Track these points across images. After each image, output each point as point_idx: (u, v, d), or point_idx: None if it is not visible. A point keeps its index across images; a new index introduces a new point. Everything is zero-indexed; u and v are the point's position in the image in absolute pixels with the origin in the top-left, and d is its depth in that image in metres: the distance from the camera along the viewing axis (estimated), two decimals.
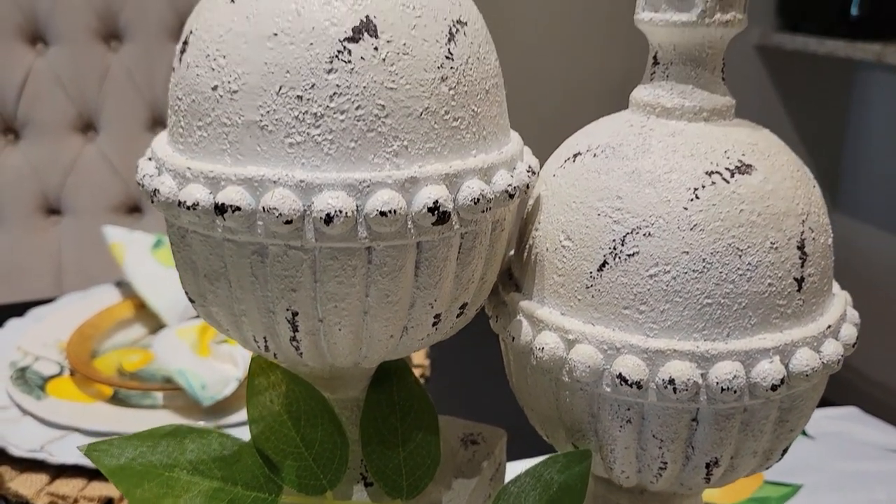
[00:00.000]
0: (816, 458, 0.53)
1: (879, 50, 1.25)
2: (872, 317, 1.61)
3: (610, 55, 1.38)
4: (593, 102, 1.37)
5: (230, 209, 0.25)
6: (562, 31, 1.38)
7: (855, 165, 1.60)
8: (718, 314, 0.27)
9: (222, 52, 0.26)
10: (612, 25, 1.37)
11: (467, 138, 0.27)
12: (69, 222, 1.11)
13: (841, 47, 1.31)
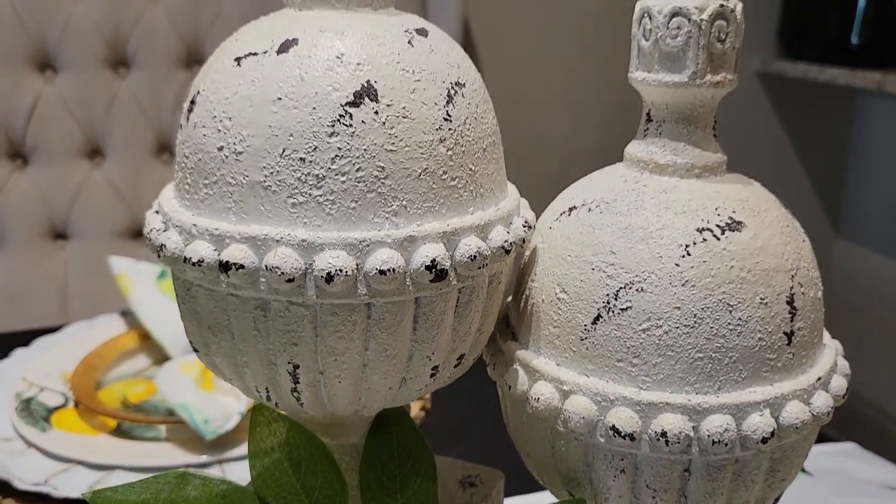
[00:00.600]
0: (815, 495, 0.54)
1: (880, 78, 1.26)
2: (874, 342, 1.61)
3: (607, 107, 1.40)
4: (590, 150, 1.40)
5: (234, 267, 0.26)
6: (561, 82, 1.40)
7: (858, 191, 1.60)
8: (710, 368, 0.28)
9: (228, 115, 0.27)
10: (609, 77, 1.39)
11: (465, 196, 0.28)
12: (75, 246, 1.12)
13: (841, 75, 1.32)
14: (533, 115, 1.38)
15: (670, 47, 0.29)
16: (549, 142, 1.40)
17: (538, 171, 1.35)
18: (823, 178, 1.59)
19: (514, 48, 1.36)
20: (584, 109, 1.40)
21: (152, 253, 0.29)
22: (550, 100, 1.39)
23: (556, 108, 1.40)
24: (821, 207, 1.62)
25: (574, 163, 1.40)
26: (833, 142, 1.58)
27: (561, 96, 1.40)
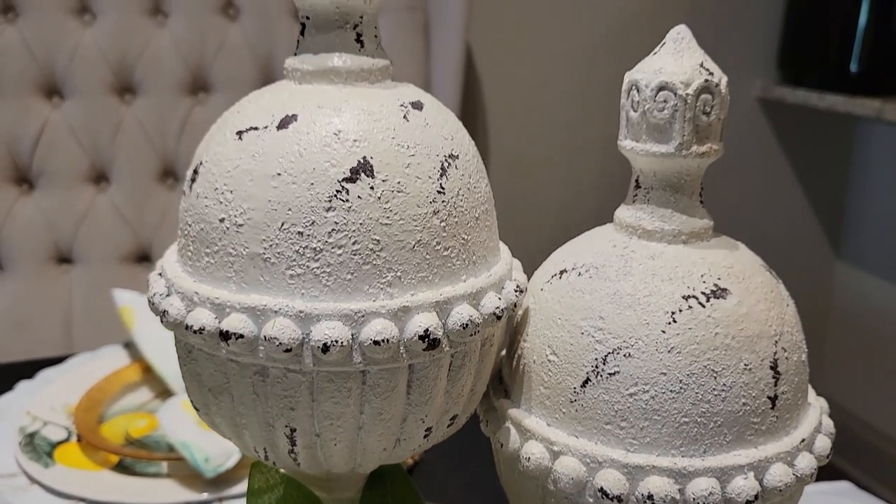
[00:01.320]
0: None
1: (879, 106, 1.27)
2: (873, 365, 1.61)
3: (604, 163, 1.42)
4: (586, 201, 1.42)
5: (234, 336, 0.27)
6: (560, 139, 1.42)
7: (857, 216, 1.61)
8: (695, 432, 0.29)
9: (230, 187, 0.28)
10: (607, 136, 1.42)
11: (457, 265, 0.29)
12: (80, 271, 1.13)
13: (841, 102, 1.33)
14: (531, 170, 1.40)
15: (657, 119, 0.30)
16: (546, 194, 1.42)
17: (533, 223, 1.37)
18: (824, 202, 1.60)
19: (514, 102, 1.38)
20: (582, 164, 1.43)
21: (155, 316, 0.30)
22: (549, 154, 1.42)
23: (553, 162, 1.42)
24: (821, 230, 1.62)
25: (569, 213, 1.42)
26: (833, 166, 1.59)
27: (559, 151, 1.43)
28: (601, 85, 1.41)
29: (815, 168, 1.58)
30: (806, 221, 1.61)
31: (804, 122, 1.52)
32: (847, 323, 1.63)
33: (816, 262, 1.63)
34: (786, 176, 1.57)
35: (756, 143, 1.52)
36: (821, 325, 1.66)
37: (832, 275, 1.65)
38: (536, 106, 1.39)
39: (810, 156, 1.56)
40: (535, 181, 1.41)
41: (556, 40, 1.37)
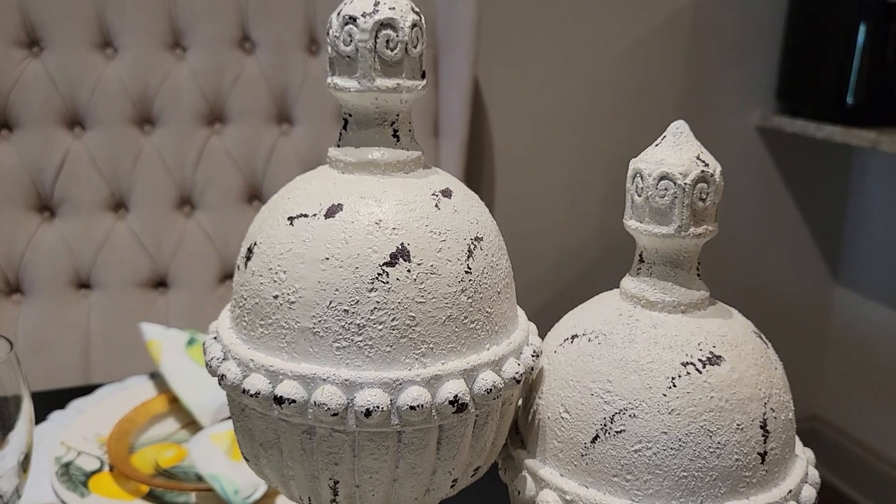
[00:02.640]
0: None
1: (875, 137, 1.31)
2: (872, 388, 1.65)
3: (603, 189, 1.47)
4: (586, 226, 1.46)
5: (287, 401, 0.30)
6: (562, 169, 1.48)
7: (855, 242, 1.65)
8: (693, 485, 0.33)
9: (283, 268, 0.31)
10: (607, 164, 1.47)
11: (482, 335, 0.33)
12: (98, 296, 1.17)
13: (838, 133, 1.37)
14: (537, 196, 1.45)
15: (659, 204, 0.34)
16: (551, 217, 1.46)
17: (538, 249, 1.42)
18: (822, 228, 1.64)
19: (521, 133, 1.43)
20: (586, 190, 1.48)
21: (212, 377, 0.34)
22: (555, 181, 1.46)
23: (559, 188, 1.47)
24: (820, 256, 1.66)
25: (574, 234, 1.46)
26: (831, 194, 1.63)
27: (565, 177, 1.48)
28: (605, 115, 1.45)
29: (814, 195, 1.62)
30: (805, 247, 1.65)
31: (802, 151, 1.57)
32: (845, 347, 1.67)
33: (815, 288, 1.67)
34: (784, 203, 1.61)
35: (755, 170, 1.57)
36: (819, 349, 1.70)
37: (831, 300, 1.69)
38: (542, 136, 1.44)
39: (808, 183, 1.60)
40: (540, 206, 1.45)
41: (559, 74, 1.42)
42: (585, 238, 1.46)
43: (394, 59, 0.32)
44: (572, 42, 1.41)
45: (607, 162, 1.44)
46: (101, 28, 1.12)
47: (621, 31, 1.43)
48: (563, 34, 1.40)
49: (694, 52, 1.47)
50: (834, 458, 1.65)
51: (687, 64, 1.47)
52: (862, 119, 1.37)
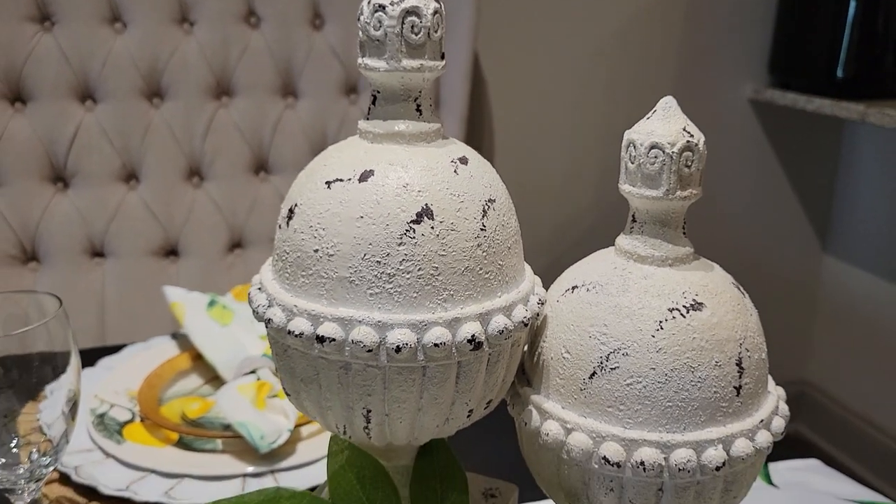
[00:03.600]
0: None
1: (863, 110, 1.36)
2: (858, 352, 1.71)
3: (597, 158, 1.51)
4: (582, 193, 1.51)
5: (327, 340, 0.35)
6: (559, 140, 1.52)
7: (844, 212, 1.70)
8: (677, 414, 0.38)
9: (322, 226, 0.36)
10: (602, 135, 1.51)
11: (495, 285, 0.38)
12: (112, 264, 1.22)
13: (827, 105, 1.42)
14: (535, 166, 1.50)
15: (649, 170, 0.39)
16: (549, 187, 1.51)
17: (537, 215, 1.47)
18: (812, 199, 1.70)
19: (519, 106, 1.47)
20: (581, 157, 1.52)
21: (258, 322, 0.39)
22: (553, 151, 1.51)
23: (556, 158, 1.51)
24: (810, 226, 1.72)
25: (572, 202, 1.51)
26: (822, 165, 1.68)
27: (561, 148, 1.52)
28: (601, 88, 1.49)
29: (804, 166, 1.67)
30: (795, 217, 1.70)
31: (794, 124, 1.61)
32: (833, 314, 1.73)
33: (805, 256, 1.73)
34: (776, 173, 1.66)
35: (748, 142, 1.61)
36: (808, 316, 1.76)
37: (820, 268, 1.75)
38: (540, 109, 1.48)
39: (800, 155, 1.65)
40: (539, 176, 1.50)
41: (557, 49, 1.46)
42: (583, 202, 1.51)
43: (418, 42, 0.37)
44: (570, 17, 1.45)
45: (603, 132, 1.49)
46: (110, 3, 1.16)
47: (618, 6, 1.47)
48: (561, 9, 1.44)
49: (689, 26, 1.51)
50: (821, 421, 1.72)
51: (682, 38, 1.51)
52: (851, 92, 1.42)
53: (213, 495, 0.60)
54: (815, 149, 1.67)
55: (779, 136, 1.63)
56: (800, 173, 1.67)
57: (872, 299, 1.65)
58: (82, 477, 0.61)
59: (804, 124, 1.63)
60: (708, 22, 1.52)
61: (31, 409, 0.54)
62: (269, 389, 0.67)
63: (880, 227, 1.62)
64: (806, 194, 1.69)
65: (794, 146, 1.65)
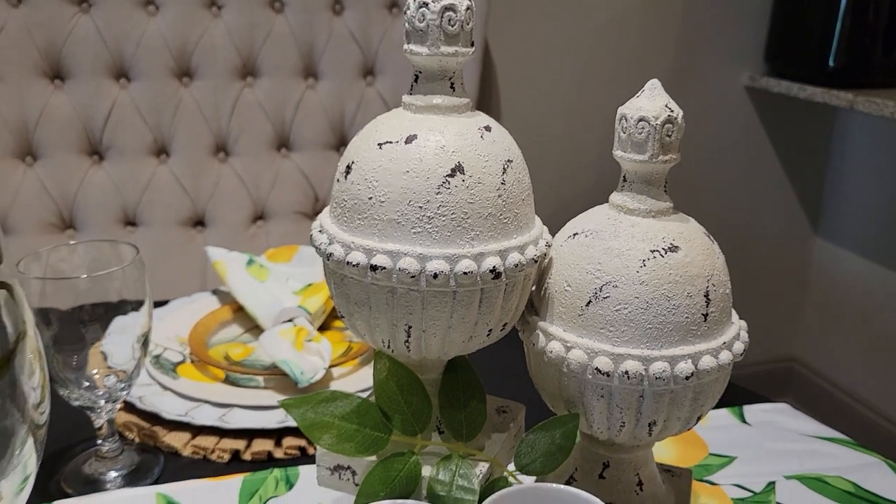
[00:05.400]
0: (751, 439, 0.74)
1: (852, 98, 1.46)
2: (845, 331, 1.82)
3: (601, 161, 1.60)
4: (591, 186, 1.61)
5: (378, 268, 0.46)
6: (561, 120, 1.60)
7: (835, 196, 1.80)
8: (655, 334, 0.48)
9: (375, 178, 0.46)
10: (601, 116, 1.59)
11: (511, 228, 0.48)
12: (144, 232, 1.32)
13: (819, 93, 1.51)
14: (539, 144, 1.60)
15: (637, 139, 0.49)
16: (551, 162, 1.60)
17: (540, 185, 1.56)
18: (804, 183, 1.79)
19: (526, 89, 1.56)
20: (580, 138, 1.61)
21: (321, 257, 0.49)
22: (555, 131, 1.60)
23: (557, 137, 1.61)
24: (802, 208, 1.82)
25: (573, 175, 1.61)
26: (814, 150, 1.78)
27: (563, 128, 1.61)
28: (603, 72, 1.59)
29: (797, 151, 1.77)
30: (788, 200, 1.80)
31: (788, 111, 1.71)
32: (823, 294, 1.83)
33: (796, 238, 1.83)
34: (770, 158, 1.76)
35: (743, 127, 1.71)
36: (799, 296, 1.86)
37: (810, 250, 1.85)
38: (546, 90, 1.58)
39: (793, 140, 1.75)
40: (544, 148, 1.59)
41: (562, 34, 1.55)
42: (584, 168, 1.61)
43: (453, 32, 0.47)
44: (574, 5, 1.54)
45: (603, 111, 1.59)
46: None
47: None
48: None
49: (688, 15, 1.60)
50: (809, 397, 1.83)
51: (682, 27, 1.60)
52: (842, 81, 1.52)
53: (260, 422, 0.70)
54: (808, 135, 1.77)
55: (773, 123, 1.73)
56: (793, 158, 1.77)
57: (861, 280, 1.75)
58: (146, 405, 0.72)
59: (798, 111, 1.72)
60: (707, 11, 1.61)
61: (111, 341, 0.64)
62: (307, 334, 0.78)
63: (869, 211, 1.72)
64: (798, 179, 1.79)
65: (787, 132, 1.74)
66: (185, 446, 0.69)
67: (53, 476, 0.66)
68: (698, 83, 1.66)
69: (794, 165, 1.77)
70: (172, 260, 1.31)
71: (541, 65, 1.56)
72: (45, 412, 0.48)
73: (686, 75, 1.63)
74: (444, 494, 0.49)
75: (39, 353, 0.47)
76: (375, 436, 0.50)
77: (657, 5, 1.59)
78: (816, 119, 1.75)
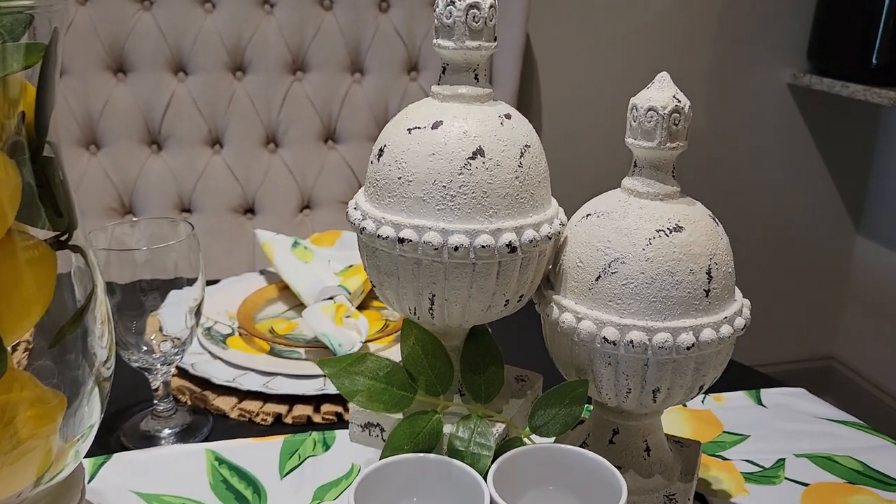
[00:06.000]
0: (764, 419, 0.77)
1: (895, 96, 1.46)
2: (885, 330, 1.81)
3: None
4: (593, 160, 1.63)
5: (406, 241, 0.51)
6: (598, 120, 1.62)
7: (878, 195, 1.80)
8: (659, 307, 0.52)
9: (404, 160, 0.52)
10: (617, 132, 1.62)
11: (527, 207, 0.53)
12: (197, 218, 1.40)
13: (861, 91, 1.52)
14: (575, 141, 1.63)
15: (646, 127, 0.53)
16: (583, 156, 1.64)
17: (571, 176, 1.60)
18: (848, 181, 1.79)
19: (566, 87, 1.59)
20: (616, 136, 1.64)
21: (354, 231, 0.54)
22: (591, 130, 1.64)
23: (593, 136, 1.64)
24: (844, 207, 1.82)
25: (603, 167, 1.64)
26: (858, 149, 1.78)
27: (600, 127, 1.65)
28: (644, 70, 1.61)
29: (841, 149, 1.77)
30: (830, 199, 1.81)
31: (832, 108, 1.71)
32: (864, 292, 1.83)
33: (838, 236, 1.83)
34: (812, 156, 1.76)
35: (785, 125, 1.72)
36: (839, 294, 1.86)
37: (852, 248, 1.85)
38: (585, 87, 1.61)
39: (836, 139, 1.75)
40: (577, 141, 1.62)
41: (603, 32, 1.59)
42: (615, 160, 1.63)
43: (477, 28, 0.52)
44: (616, 2, 1.57)
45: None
46: None
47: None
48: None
49: (731, 12, 1.62)
50: (848, 396, 1.83)
51: (724, 24, 1.62)
52: (885, 79, 1.52)
53: (301, 389, 0.76)
54: (852, 133, 1.77)
55: (816, 120, 1.73)
56: (836, 156, 1.77)
57: None
58: (198, 371, 0.78)
59: (840, 109, 1.72)
60: (750, 8, 1.63)
61: (167, 311, 0.71)
62: (345, 310, 0.84)
63: None
64: (841, 177, 1.79)
65: (830, 130, 1.75)
66: (233, 409, 0.76)
67: (114, 432, 0.73)
68: (741, 80, 1.67)
69: (837, 163, 1.78)
70: (223, 245, 1.38)
71: (581, 62, 1.60)
72: (110, 368, 0.54)
73: (728, 73, 1.65)
74: (463, 450, 0.54)
75: (108, 313, 0.53)
76: (402, 395, 0.55)
77: (700, 3, 1.61)
78: (860, 117, 1.75)
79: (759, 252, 1.74)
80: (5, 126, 0.43)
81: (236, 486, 0.66)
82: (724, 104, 1.66)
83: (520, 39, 1.43)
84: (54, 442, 0.49)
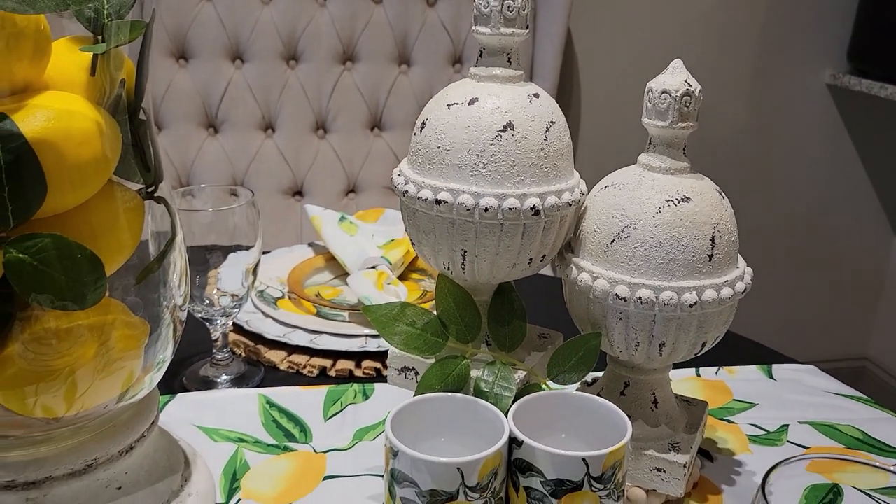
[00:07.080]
0: (773, 391, 0.84)
1: None
2: None
3: None
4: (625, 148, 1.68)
5: (442, 203, 0.59)
6: (632, 110, 1.68)
7: None
8: (666, 268, 0.59)
9: (443, 132, 0.60)
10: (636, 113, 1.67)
11: (551, 177, 0.60)
12: None
13: None
14: (612, 128, 1.68)
15: (660, 108, 0.60)
16: (614, 138, 1.69)
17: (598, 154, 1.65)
18: (884, 183, 1.83)
19: (604, 80, 1.66)
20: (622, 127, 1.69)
21: (397, 195, 0.62)
22: (625, 117, 1.69)
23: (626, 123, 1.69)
24: (882, 209, 1.85)
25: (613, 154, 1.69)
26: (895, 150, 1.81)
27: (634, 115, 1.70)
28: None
29: (879, 151, 1.80)
30: (867, 199, 1.84)
31: (872, 110, 1.75)
32: None
33: (875, 237, 1.86)
34: (851, 156, 1.80)
35: (824, 125, 1.76)
36: (875, 295, 1.89)
37: (889, 251, 1.88)
38: (624, 83, 1.67)
39: (874, 139, 1.79)
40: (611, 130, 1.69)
41: (644, 29, 1.65)
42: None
43: (511, 16, 0.59)
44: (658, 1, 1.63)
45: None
46: None
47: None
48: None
49: (772, 12, 1.67)
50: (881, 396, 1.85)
51: (765, 23, 1.67)
52: None
53: (344, 346, 0.85)
54: (891, 134, 1.80)
55: (855, 121, 1.77)
56: (874, 157, 1.81)
57: None
58: (251, 327, 0.88)
59: (880, 110, 1.76)
60: (791, 9, 1.67)
61: (227, 272, 0.80)
62: (386, 277, 0.92)
63: None
64: (879, 178, 1.82)
65: (869, 131, 1.78)
66: (282, 361, 0.85)
67: (177, 376, 0.83)
68: (780, 80, 1.72)
69: (875, 164, 1.81)
70: (274, 224, 1.48)
71: (621, 58, 1.66)
72: (184, 311, 0.63)
73: (768, 72, 1.70)
74: (488, 391, 0.62)
75: (185, 266, 0.62)
76: (435, 341, 0.63)
77: (741, 2, 1.66)
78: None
79: (794, 251, 1.78)
80: (110, 90, 0.52)
81: (285, 425, 0.75)
82: (764, 103, 1.71)
83: (561, 34, 1.50)
84: (137, 366, 0.58)
